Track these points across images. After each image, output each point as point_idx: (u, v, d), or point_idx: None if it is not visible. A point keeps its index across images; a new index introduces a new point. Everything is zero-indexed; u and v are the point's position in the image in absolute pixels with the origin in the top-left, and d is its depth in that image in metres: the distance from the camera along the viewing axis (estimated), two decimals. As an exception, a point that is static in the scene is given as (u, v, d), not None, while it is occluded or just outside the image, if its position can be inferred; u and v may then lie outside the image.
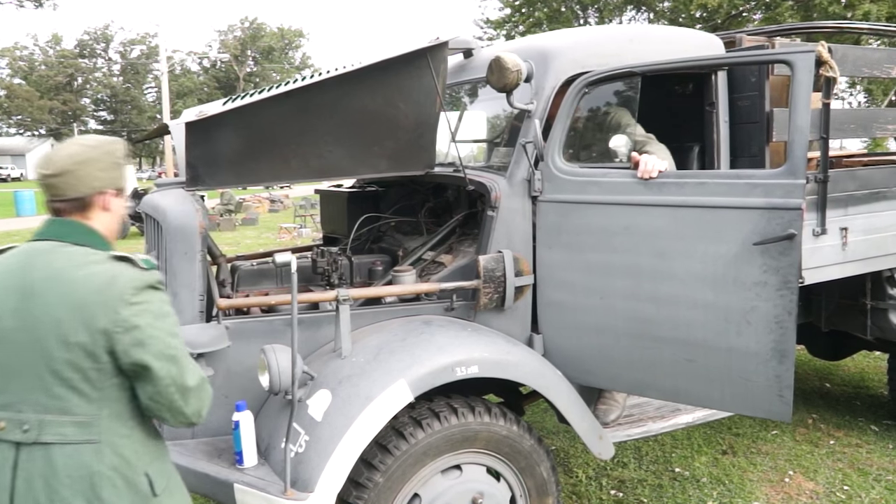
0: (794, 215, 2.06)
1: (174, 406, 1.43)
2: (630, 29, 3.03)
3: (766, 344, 2.14)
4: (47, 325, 1.39)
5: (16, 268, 1.44)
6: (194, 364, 1.48)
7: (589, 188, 2.41)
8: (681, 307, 2.27)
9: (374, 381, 2.11)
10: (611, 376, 2.49)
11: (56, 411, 1.40)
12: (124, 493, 1.44)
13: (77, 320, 1.38)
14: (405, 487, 2.16)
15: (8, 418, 1.41)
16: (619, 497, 3.24)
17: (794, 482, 3.36)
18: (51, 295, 1.40)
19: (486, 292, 2.43)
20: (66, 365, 1.39)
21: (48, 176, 1.47)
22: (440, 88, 2.51)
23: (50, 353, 1.39)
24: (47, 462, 1.39)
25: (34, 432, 1.40)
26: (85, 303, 1.39)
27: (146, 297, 1.43)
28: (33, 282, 1.41)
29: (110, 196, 1.53)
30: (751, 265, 2.13)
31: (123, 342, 1.39)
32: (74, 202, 1.49)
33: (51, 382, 1.40)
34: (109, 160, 1.53)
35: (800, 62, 2.06)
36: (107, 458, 1.42)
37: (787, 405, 2.16)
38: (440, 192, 3.19)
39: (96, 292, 1.39)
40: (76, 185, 1.48)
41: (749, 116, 2.79)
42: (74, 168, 1.47)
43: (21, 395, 1.40)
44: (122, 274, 1.43)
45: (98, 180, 1.50)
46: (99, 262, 1.44)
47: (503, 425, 2.29)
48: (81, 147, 1.51)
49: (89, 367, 1.40)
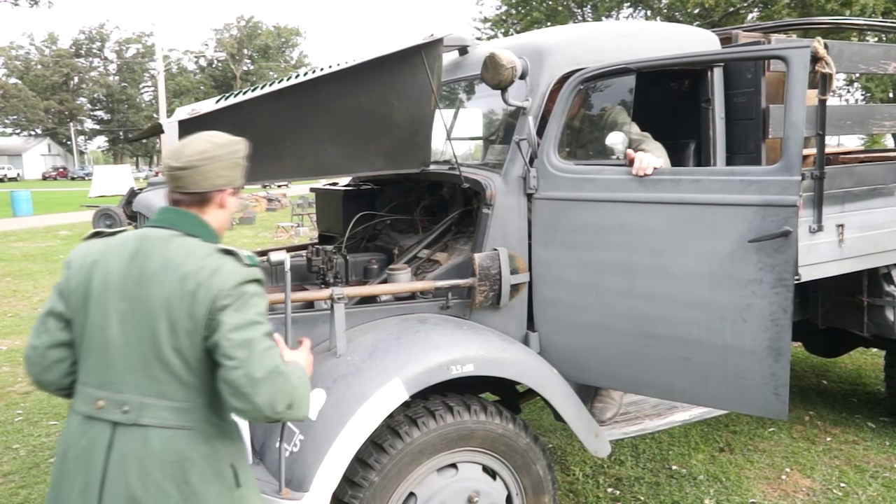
0: (789, 212, 2.05)
1: (242, 391, 1.41)
2: (625, 25, 3.03)
3: (762, 342, 2.13)
4: (159, 310, 1.44)
5: (132, 254, 1.50)
6: (271, 357, 1.45)
7: (584, 185, 2.40)
8: (676, 305, 2.26)
9: (368, 380, 2.10)
10: (607, 374, 2.49)
11: (156, 395, 1.45)
12: (211, 481, 1.48)
13: (184, 308, 1.44)
14: (401, 486, 2.15)
15: (107, 398, 1.46)
16: (616, 495, 3.24)
17: (791, 479, 3.35)
18: (164, 282, 1.45)
19: (481, 290, 2.42)
20: (171, 350, 1.44)
21: (176, 168, 1.53)
22: (435, 86, 2.49)
23: (158, 338, 1.44)
24: (144, 444, 1.43)
25: (134, 413, 1.44)
26: (192, 293, 1.44)
27: (243, 289, 1.47)
28: (148, 268, 1.47)
29: (228, 194, 1.60)
30: (746, 262, 2.12)
31: (211, 328, 1.44)
32: (195, 196, 1.56)
33: (155, 366, 1.45)
34: (233, 159, 1.60)
35: (795, 58, 2.05)
36: (199, 446, 1.47)
37: (783, 403, 2.15)
38: (436, 190, 3.18)
39: (203, 283, 1.44)
40: (200, 182, 1.54)
41: (745, 113, 2.78)
42: (201, 164, 1.54)
43: (124, 375, 1.45)
44: (225, 267, 1.48)
45: (220, 178, 1.57)
46: (208, 255, 1.50)
47: (499, 423, 2.28)
48: (210, 144, 1.57)
49: (191, 354, 1.45)
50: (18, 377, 5.02)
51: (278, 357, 1.47)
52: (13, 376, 5.05)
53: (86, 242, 1.59)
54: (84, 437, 1.47)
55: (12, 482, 3.40)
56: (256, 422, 1.49)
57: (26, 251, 12.14)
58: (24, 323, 6.71)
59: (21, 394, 4.67)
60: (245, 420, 1.54)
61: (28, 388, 4.79)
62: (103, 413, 1.45)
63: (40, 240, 13.96)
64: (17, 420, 4.20)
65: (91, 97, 65.17)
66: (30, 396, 4.61)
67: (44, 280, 9.15)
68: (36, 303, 7.68)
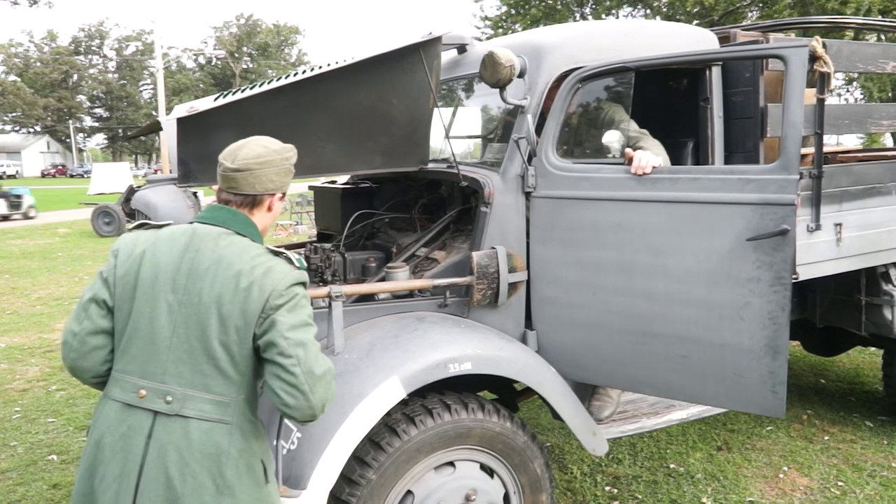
0: (787, 211, 2.05)
1: (301, 388, 1.46)
2: (624, 24, 3.03)
3: (760, 340, 2.13)
4: (210, 305, 1.48)
5: (184, 247, 1.54)
6: (325, 359, 1.54)
7: (582, 184, 2.40)
8: (674, 303, 2.26)
9: (366, 378, 2.10)
10: (605, 372, 2.49)
11: (200, 387, 1.48)
12: (244, 476, 1.52)
13: (236, 304, 1.48)
14: (398, 484, 2.16)
15: (149, 387, 1.48)
16: (614, 493, 3.24)
17: (789, 478, 3.36)
18: (216, 277, 1.49)
19: (479, 288, 2.42)
20: (219, 345, 1.48)
21: (232, 170, 1.59)
22: (433, 84, 2.49)
23: (207, 332, 1.48)
24: (184, 435, 1.46)
25: (177, 404, 1.47)
26: (245, 289, 1.48)
27: (294, 290, 1.53)
28: (201, 263, 1.51)
29: (277, 199, 1.68)
30: (744, 261, 2.12)
31: (264, 326, 1.49)
32: (247, 198, 1.62)
33: (201, 359, 1.48)
34: (285, 166, 1.66)
35: (793, 57, 2.05)
36: (236, 441, 1.51)
37: (781, 401, 2.15)
38: (434, 189, 3.17)
39: (256, 281, 1.49)
40: (254, 184, 1.60)
41: (743, 112, 2.77)
42: (257, 168, 1.60)
43: (169, 366, 1.48)
44: (277, 268, 1.53)
45: (272, 182, 1.63)
46: (259, 254, 1.56)
47: (497, 422, 2.28)
48: (265, 150, 1.63)
49: (238, 350, 1.49)
50: (17, 374, 5.02)
51: (328, 361, 1.54)
52: (11, 373, 5.05)
53: (132, 233, 1.63)
54: (123, 425, 1.49)
55: (10, 479, 3.40)
56: (297, 421, 1.52)
57: (25, 248, 12.14)
58: (22, 320, 6.70)
59: (19, 391, 4.67)
60: (289, 418, 1.57)
61: (26, 385, 4.79)
62: (145, 402, 1.48)
63: (39, 237, 13.96)
64: (14, 417, 4.20)
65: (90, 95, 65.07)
66: (27, 394, 4.61)
67: (42, 277, 9.14)
68: (34, 300, 7.68)
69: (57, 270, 9.73)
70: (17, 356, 5.48)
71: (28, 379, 4.92)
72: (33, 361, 5.35)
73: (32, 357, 5.46)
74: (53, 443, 3.83)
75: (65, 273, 9.49)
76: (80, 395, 4.56)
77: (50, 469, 3.51)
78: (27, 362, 5.33)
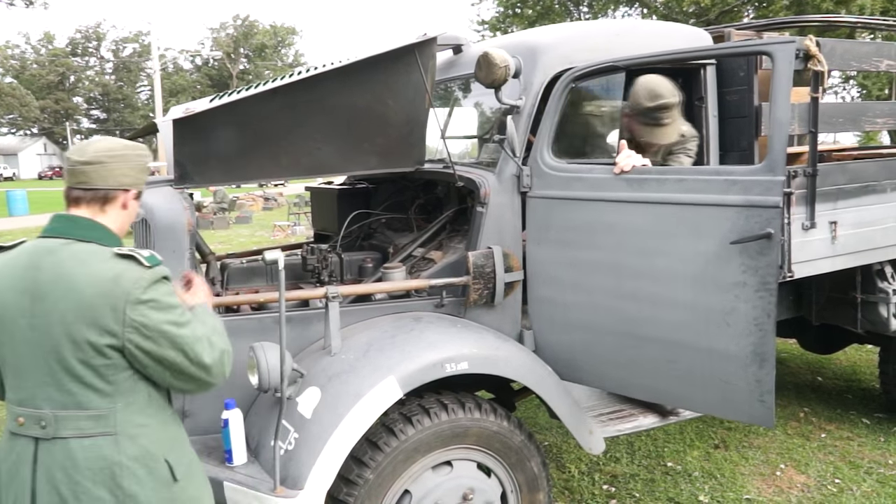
0: (772, 213, 1.97)
1: (199, 381, 1.52)
2: (618, 24, 3.04)
3: (746, 346, 2.07)
4: (57, 324, 1.42)
5: (24, 268, 1.47)
6: (211, 339, 1.53)
7: (575, 184, 2.40)
8: (662, 306, 2.22)
9: (363, 378, 2.11)
10: (598, 374, 2.48)
11: (72, 406, 1.44)
12: (146, 480, 1.48)
13: (85, 319, 1.42)
14: (396, 484, 2.16)
15: (26, 414, 1.45)
16: (612, 492, 3.25)
17: (786, 475, 3.37)
18: (58, 295, 1.43)
19: (475, 288, 2.42)
20: (77, 362, 1.43)
21: (80, 163, 1.52)
22: (429, 85, 2.50)
23: (61, 352, 1.43)
24: (67, 455, 1.43)
25: (52, 428, 1.44)
26: (91, 303, 1.42)
27: (150, 294, 1.46)
28: (41, 283, 1.44)
29: (131, 196, 1.60)
30: (729, 265, 2.06)
31: (134, 340, 1.44)
32: (97, 192, 1.54)
33: (63, 379, 1.44)
34: (140, 162, 1.61)
35: (780, 53, 2.00)
36: (126, 449, 1.46)
37: (769, 410, 2.08)
38: (430, 189, 3.18)
39: (102, 292, 1.43)
40: (105, 177, 1.54)
41: (738, 111, 2.78)
42: (108, 160, 1.54)
43: (35, 391, 1.45)
44: (125, 273, 1.46)
45: (126, 177, 1.57)
46: (103, 261, 1.47)
47: (493, 421, 2.29)
48: (117, 144, 1.59)
49: (100, 363, 1.44)
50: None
51: (208, 330, 1.54)
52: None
53: None
54: (12, 454, 1.47)
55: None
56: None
57: (22, 251, 12.09)
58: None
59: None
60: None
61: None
62: (24, 430, 1.45)
63: (36, 240, 13.91)
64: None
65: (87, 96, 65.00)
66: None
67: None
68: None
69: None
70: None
71: None
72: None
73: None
74: None
75: (62, 275, 9.46)
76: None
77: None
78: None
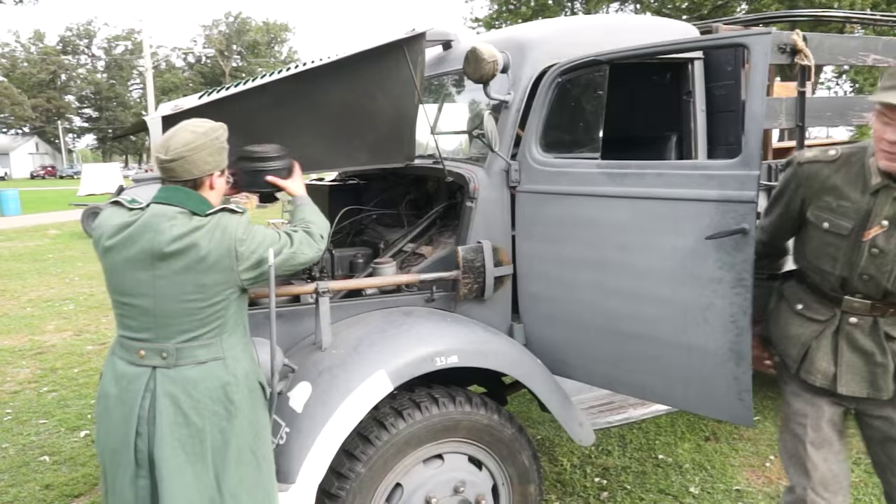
0: (747, 208, 1.93)
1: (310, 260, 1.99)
2: (606, 19, 3.04)
3: (724, 344, 2.05)
4: (180, 275, 1.70)
5: (145, 229, 1.72)
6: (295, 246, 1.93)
7: (560, 179, 2.40)
8: (643, 302, 2.21)
9: (353, 373, 2.12)
10: (584, 369, 2.48)
11: (190, 339, 1.74)
12: (247, 396, 1.81)
13: (206, 268, 1.71)
14: (387, 477, 2.18)
15: (148, 348, 1.74)
16: (603, 484, 3.28)
17: (775, 467, 3.40)
18: (180, 254, 1.70)
19: (465, 283, 2.44)
20: (198, 305, 1.73)
21: (165, 161, 1.75)
22: (418, 80, 2.51)
23: (185, 298, 1.71)
24: (186, 379, 1.73)
25: (172, 358, 1.73)
26: (209, 254, 1.71)
27: (249, 231, 1.80)
28: (163, 243, 1.70)
29: (216, 176, 1.83)
30: (706, 260, 2.03)
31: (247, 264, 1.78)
32: (188, 183, 1.78)
33: (186, 320, 1.73)
34: (217, 145, 1.81)
35: (755, 46, 1.95)
36: (233, 370, 1.78)
37: (748, 409, 2.06)
38: (421, 185, 3.19)
39: (217, 244, 1.73)
40: (190, 170, 1.76)
41: (726, 105, 2.81)
42: (188, 154, 1.74)
43: (159, 331, 1.73)
44: (229, 223, 1.77)
45: (207, 164, 1.78)
46: (211, 220, 1.76)
47: (484, 414, 2.31)
48: (193, 134, 1.76)
49: (220, 303, 1.75)
50: (7, 377, 5.01)
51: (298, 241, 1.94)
52: (2, 375, 5.04)
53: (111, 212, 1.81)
54: (122, 380, 1.74)
55: (1, 481, 3.40)
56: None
57: (15, 250, 12.06)
58: (13, 322, 6.68)
59: (10, 393, 4.66)
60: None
61: (17, 387, 4.78)
62: (143, 360, 1.73)
63: (28, 239, 13.88)
64: (6, 419, 4.19)
65: (79, 95, 64.63)
66: (19, 396, 4.61)
67: (32, 279, 9.10)
68: (24, 302, 7.64)
69: (47, 272, 9.68)
70: (8, 358, 5.47)
71: (19, 381, 4.91)
72: (24, 364, 5.33)
73: (23, 359, 5.44)
74: (45, 444, 3.83)
75: (55, 275, 9.45)
76: (71, 397, 4.55)
77: (42, 470, 3.51)
78: (17, 364, 5.31)
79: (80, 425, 4.07)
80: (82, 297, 7.80)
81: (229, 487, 1.77)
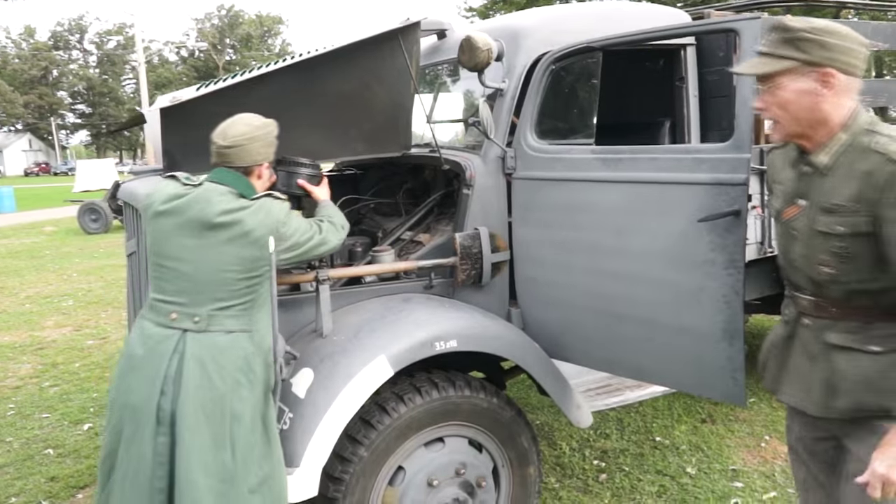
0: (738, 191, 1.96)
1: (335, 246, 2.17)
2: (600, 6, 3.05)
3: (717, 324, 2.08)
4: (223, 245, 1.84)
5: (198, 200, 1.87)
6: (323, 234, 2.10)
7: (555, 165, 2.43)
8: (637, 284, 2.24)
9: (354, 358, 2.15)
10: (581, 352, 2.52)
11: (224, 308, 1.86)
12: (264, 371, 1.92)
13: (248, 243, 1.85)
14: (389, 460, 2.22)
15: (181, 311, 1.85)
16: (602, 466, 3.33)
17: (770, 446, 3.46)
18: (227, 226, 1.85)
19: (463, 269, 2.47)
20: (235, 277, 1.85)
21: (223, 147, 1.92)
22: (414, 70, 2.53)
23: (224, 268, 1.84)
24: (214, 345, 1.83)
25: (204, 323, 1.84)
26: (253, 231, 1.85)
27: (289, 216, 1.97)
28: (213, 215, 1.85)
29: (264, 167, 2.01)
30: (699, 242, 2.06)
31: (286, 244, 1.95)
32: (240, 170, 1.94)
33: (222, 289, 1.85)
34: (269, 139, 1.99)
35: (745, 30, 1.97)
36: (257, 342, 1.90)
37: (741, 388, 2.08)
38: (418, 173, 3.22)
39: (260, 223, 1.88)
40: (244, 157, 1.93)
41: (718, 90, 2.84)
42: (245, 142, 1.92)
43: (195, 297, 1.85)
44: (273, 206, 1.93)
45: (259, 154, 1.96)
46: (256, 203, 1.92)
47: (484, 398, 2.34)
48: (249, 127, 1.94)
49: (255, 279, 1.88)
50: (9, 372, 5.04)
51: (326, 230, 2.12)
52: (3, 371, 5.06)
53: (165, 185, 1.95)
54: (150, 340, 1.85)
55: (7, 474, 3.43)
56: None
57: (11, 248, 12.05)
58: (11, 319, 6.69)
59: (12, 388, 4.69)
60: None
61: (19, 382, 4.81)
62: (175, 323, 1.85)
63: (25, 236, 13.85)
64: (9, 414, 4.22)
65: (71, 91, 64.22)
66: (21, 391, 4.64)
67: (30, 276, 9.10)
68: (22, 299, 7.66)
69: (45, 269, 9.69)
70: (9, 354, 5.49)
71: (21, 376, 4.94)
72: (25, 359, 5.36)
73: (24, 355, 5.47)
74: (49, 437, 3.86)
75: (53, 271, 9.45)
76: (73, 391, 4.58)
77: (47, 463, 3.54)
78: (19, 360, 5.34)
79: (83, 419, 4.10)
80: (81, 293, 7.82)
81: (242, 454, 1.85)
